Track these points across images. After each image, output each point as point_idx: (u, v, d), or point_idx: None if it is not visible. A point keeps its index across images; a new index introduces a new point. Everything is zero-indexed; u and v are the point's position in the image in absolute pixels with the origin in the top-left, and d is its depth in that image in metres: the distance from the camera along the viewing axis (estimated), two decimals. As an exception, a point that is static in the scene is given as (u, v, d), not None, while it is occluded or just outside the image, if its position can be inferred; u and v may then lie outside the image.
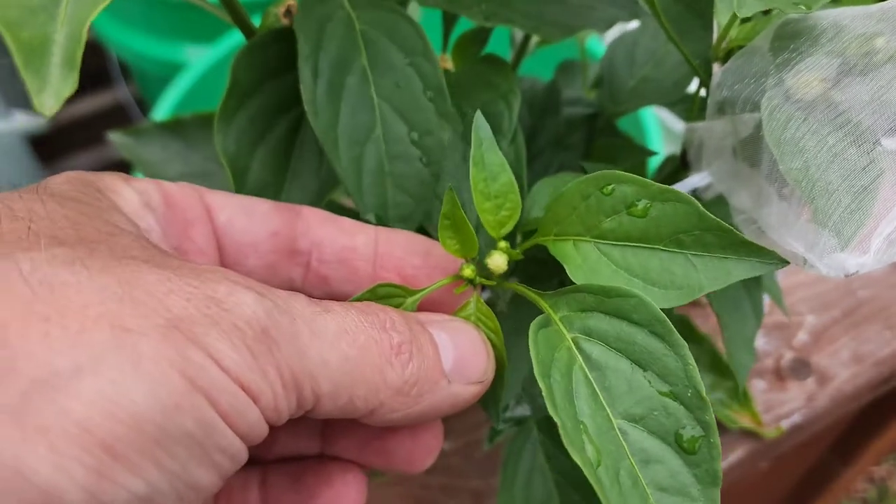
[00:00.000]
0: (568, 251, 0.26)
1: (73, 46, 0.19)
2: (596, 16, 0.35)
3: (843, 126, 0.22)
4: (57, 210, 0.21)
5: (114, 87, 1.45)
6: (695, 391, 0.23)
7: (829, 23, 0.24)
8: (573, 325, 0.24)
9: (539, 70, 0.55)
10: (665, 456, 0.22)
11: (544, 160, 0.41)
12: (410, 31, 0.32)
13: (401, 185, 0.31)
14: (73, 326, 0.17)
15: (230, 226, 0.27)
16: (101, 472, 0.17)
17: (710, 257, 0.24)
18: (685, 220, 0.24)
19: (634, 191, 0.24)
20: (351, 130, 0.30)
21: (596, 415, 0.23)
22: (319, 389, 0.21)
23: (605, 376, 0.23)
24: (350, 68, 0.31)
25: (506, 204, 0.27)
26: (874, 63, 0.23)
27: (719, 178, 0.29)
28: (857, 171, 0.22)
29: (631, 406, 0.23)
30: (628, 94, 0.44)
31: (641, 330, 0.23)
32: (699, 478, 0.22)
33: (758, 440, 0.57)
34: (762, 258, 0.23)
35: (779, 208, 0.25)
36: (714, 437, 0.22)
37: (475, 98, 0.34)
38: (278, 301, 0.21)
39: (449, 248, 0.27)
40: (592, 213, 0.25)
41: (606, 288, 0.24)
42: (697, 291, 0.24)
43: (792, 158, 0.22)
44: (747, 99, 0.25)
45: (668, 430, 0.23)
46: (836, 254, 0.23)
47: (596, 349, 0.24)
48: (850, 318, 0.64)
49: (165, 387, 0.18)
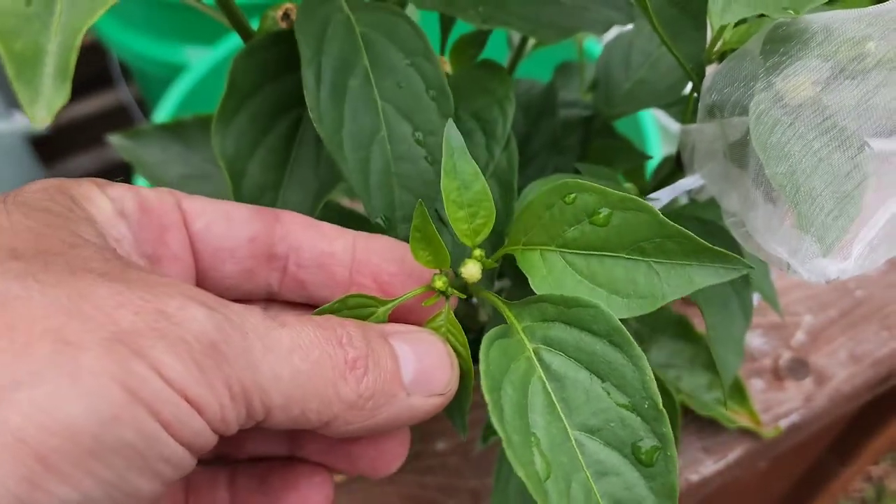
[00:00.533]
0: (535, 261, 0.26)
1: (67, 56, 0.19)
2: (592, 18, 0.35)
3: (828, 131, 0.22)
4: (21, 222, 0.21)
5: (115, 88, 1.46)
6: (651, 403, 0.23)
7: (819, 26, 0.24)
8: (535, 336, 0.24)
9: (537, 72, 0.55)
10: (621, 468, 0.22)
11: (539, 163, 0.41)
12: (410, 31, 0.32)
13: (407, 185, 0.31)
14: (19, 340, 0.18)
15: (207, 231, 0.27)
16: (33, 482, 0.17)
17: (671, 264, 0.24)
18: (646, 229, 0.24)
19: (595, 199, 0.24)
20: (356, 133, 0.30)
21: (551, 426, 0.23)
22: (270, 402, 0.22)
23: (563, 387, 0.23)
24: (352, 71, 0.31)
25: (480, 212, 0.27)
26: (863, 67, 0.23)
27: (711, 181, 0.30)
28: (841, 176, 0.22)
29: (588, 417, 0.23)
30: (624, 96, 0.44)
31: (600, 340, 0.23)
32: (655, 490, 0.22)
33: (756, 440, 0.57)
34: (725, 264, 0.23)
35: (764, 212, 0.25)
36: (671, 450, 0.22)
37: (471, 103, 0.34)
38: (231, 316, 0.22)
39: (421, 259, 0.27)
40: (556, 223, 0.25)
41: (567, 298, 0.24)
42: (661, 300, 0.24)
43: (777, 163, 0.22)
44: (736, 102, 0.25)
45: (624, 442, 0.23)
46: (817, 259, 0.23)
47: (556, 360, 0.24)
48: (847, 318, 0.64)
49: (103, 399, 0.18)
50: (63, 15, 0.19)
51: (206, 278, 0.28)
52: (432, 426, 0.58)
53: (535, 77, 0.47)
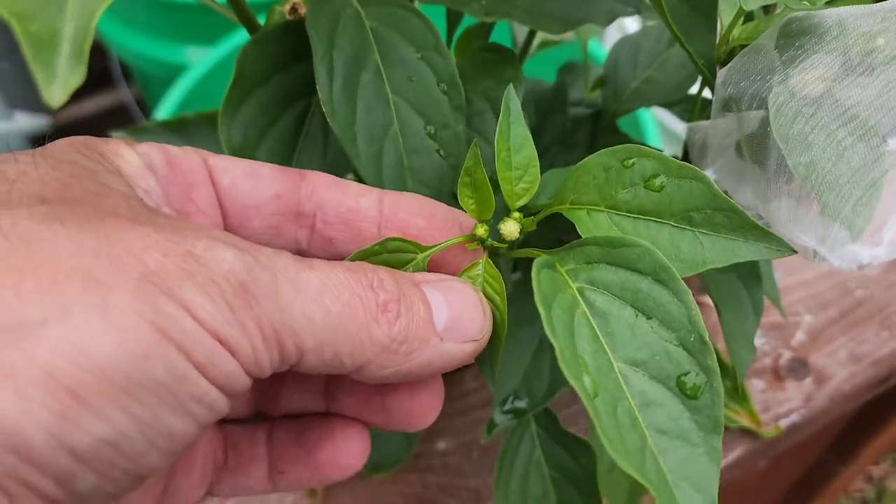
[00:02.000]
0: (581, 218, 0.26)
1: (82, 39, 0.19)
2: (597, 10, 0.35)
3: (850, 121, 0.22)
4: (49, 173, 0.21)
5: (116, 88, 1.46)
6: (698, 336, 0.23)
7: (833, 21, 0.24)
8: (578, 277, 0.24)
9: (540, 72, 0.55)
10: (666, 400, 0.22)
11: (550, 157, 0.42)
12: (420, 25, 0.32)
13: (420, 179, 0.31)
14: (45, 279, 0.18)
15: (234, 188, 0.27)
16: (66, 416, 0.17)
17: (717, 237, 0.24)
18: (699, 198, 0.24)
19: (654, 165, 0.25)
20: (368, 127, 0.30)
21: (596, 355, 0.23)
22: (302, 344, 0.22)
23: (608, 322, 0.23)
24: (363, 65, 0.31)
25: (525, 176, 0.27)
26: (876, 62, 0.23)
27: (723, 175, 0.30)
28: (867, 165, 0.22)
29: (633, 351, 0.23)
30: (631, 94, 0.44)
31: (646, 278, 0.23)
32: (700, 423, 0.22)
33: (756, 439, 0.57)
34: (769, 243, 0.23)
35: (787, 203, 0.25)
36: (717, 382, 0.22)
37: (479, 84, 0.34)
38: (260, 257, 0.21)
39: (466, 206, 0.27)
40: (611, 184, 0.25)
41: (612, 238, 0.24)
42: (701, 266, 0.24)
43: (800, 153, 0.23)
44: (753, 96, 0.25)
45: (669, 375, 0.23)
46: (848, 246, 0.23)
47: (600, 298, 0.24)
48: (847, 317, 0.64)
49: (134, 336, 0.18)
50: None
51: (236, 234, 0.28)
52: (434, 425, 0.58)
53: (540, 77, 0.47)
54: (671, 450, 0.22)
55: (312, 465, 0.29)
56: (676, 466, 0.22)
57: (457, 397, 0.59)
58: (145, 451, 0.19)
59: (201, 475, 0.28)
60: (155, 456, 0.19)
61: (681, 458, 0.22)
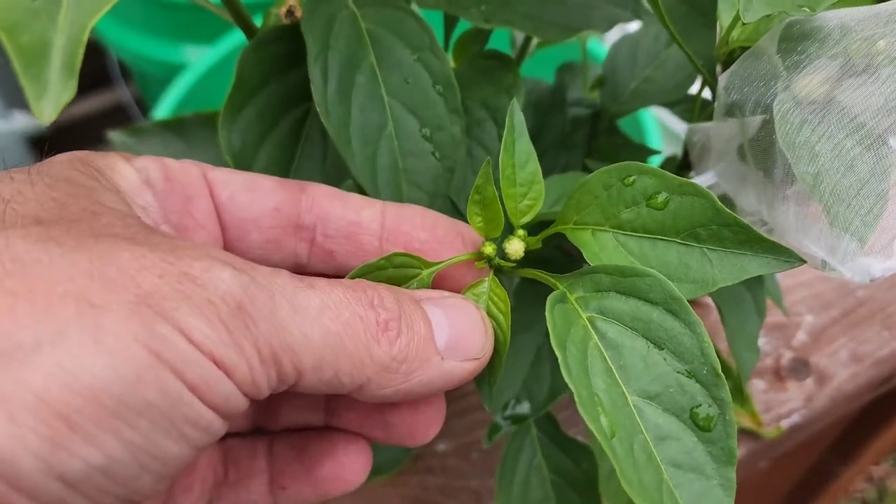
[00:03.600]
0: (586, 240, 0.26)
1: (74, 51, 0.19)
2: (597, 16, 0.35)
3: (857, 130, 0.22)
4: (45, 192, 0.21)
5: (114, 87, 1.45)
6: (710, 369, 0.22)
7: (835, 24, 0.24)
8: (589, 306, 0.24)
9: (539, 72, 0.55)
10: (680, 433, 0.22)
11: (549, 159, 0.41)
12: (416, 26, 0.32)
13: (415, 182, 0.31)
14: (39, 302, 0.18)
15: (232, 201, 0.27)
16: (57, 442, 0.17)
17: (725, 252, 0.24)
18: (702, 215, 0.24)
19: (655, 183, 0.24)
20: (363, 129, 0.30)
21: (610, 390, 0.23)
22: (301, 364, 0.21)
23: (620, 355, 0.23)
24: (359, 67, 0.31)
25: (530, 193, 0.27)
26: (879, 65, 0.22)
27: (725, 179, 0.29)
28: (876, 175, 0.22)
29: (646, 384, 0.23)
30: (630, 94, 0.44)
31: (657, 308, 0.23)
32: (714, 456, 0.22)
33: (757, 440, 0.57)
34: (778, 255, 0.23)
35: (795, 211, 0.25)
36: (730, 414, 0.22)
37: (478, 92, 0.34)
38: (257, 277, 0.21)
39: (474, 223, 0.27)
40: (613, 203, 0.25)
41: (622, 268, 0.24)
42: (711, 286, 0.24)
43: (807, 163, 0.22)
44: (757, 101, 0.25)
45: (683, 408, 0.22)
46: (860, 258, 0.22)
47: (612, 328, 0.24)
48: (848, 318, 0.64)
49: (127, 359, 0.18)
50: (70, 10, 0.19)
51: (232, 249, 0.28)
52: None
53: (539, 77, 0.47)
54: (686, 483, 0.22)
55: (313, 481, 0.29)
56: (692, 500, 0.22)
57: (456, 399, 0.58)
58: (138, 476, 0.19)
59: (200, 491, 0.28)
60: (148, 480, 0.19)
61: (696, 492, 0.22)
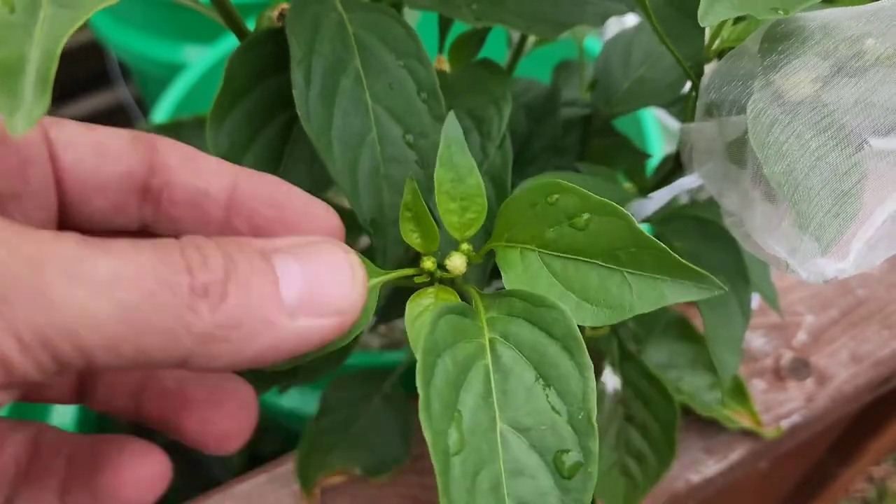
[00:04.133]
0: (514, 259, 0.25)
1: (48, 65, 0.18)
2: (590, 11, 0.35)
3: (827, 129, 0.22)
4: None
5: (113, 87, 1.45)
6: (586, 416, 0.22)
7: (817, 24, 0.23)
8: (496, 327, 0.24)
9: (536, 70, 0.54)
10: (539, 473, 0.22)
11: (541, 164, 0.41)
12: (402, 33, 0.32)
13: (396, 188, 0.30)
14: None
15: (76, 166, 0.25)
16: None
17: (645, 277, 0.23)
18: (622, 237, 0.24)
19: (575, 202, 0.24)
20: (345, 133, 0.30)
21: (479, 412, 0.22)
22: (85, 344, 0.19)
23: (506, 380, 0.23)
24: (343, 71, 0.31)
25: (472, 207, 0.27)
26: (862, 65, 0.22)
27: (710, 180, 0.29)
28: (840, 174, 0.22)
29: (521, 415, 0.23)
30: (623, 95, 0.44)
31: (555, 343, 0.23)
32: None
33: (757, 440, 0.57)
34: (699, 282, 0.23)
35: (763, 211, 0.24)
36: (593, 467, 0.22)
37: (467, 101, 0.34)
38: (23, 247, 0.19)
39: (410, 240, 0.27)
40: (539, 221, 0.25)
41: (536, 296, 0.24)
42: (629, 312, 0.23)
43: (775, 161, 0.22)
44: (734, 101, 0.25)
45: (549, 448, 0.22)
46: (816, 259, 0.22)
47: (508, 353, 0.24)
48: (848, 317, 0.64)
49: None
50: (46, 23, 0.19)
51: (72, 213, 0.26)
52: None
53: (535, 75, 0.47)
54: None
55: (93, 490, 0.25)
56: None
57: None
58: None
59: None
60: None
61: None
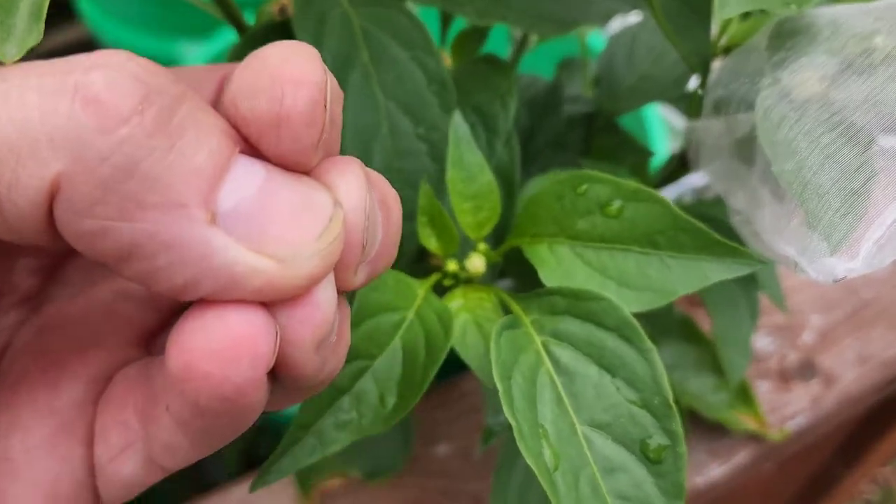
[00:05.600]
0: (543, 253, 0.25)
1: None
2: (593, 9, 0.35)
3: (836, 126, 0.22)
4: None
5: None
6: (662, 399, 0.22)
7: (826, 21, 0.23)
8: (544, 329, 0.24)
9: (540, 66, 0.54)
10: (629, 465, 0.22)
11: (544, 160, 0.41)
12: (409, 25, 0.31)
13: (409, 181, 0.30)
14: None
15: None
16: None
17: (685, 258, 0.23)
18: (659, 221, 0.23)
19: (608, 190, 0.24)
20: (356, 128, 0.30)
21: (559, 420, 0.22)
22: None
23: (572, 381, 0.23)
24: (352, 66, 0.30)
25: (485, 205, 0.27)
26: (872, 62, 0.22)
27: (716, 178, 0.29)
28: (850, 172, 0.21)
29: (597, 413, 0.22)
30: (627, 91, 0.43)
31: (611, 334, 0.23)
32: (663, 489, 0.22)
33: (762, 442, 0.56)
34: (738, 259, 0.22)
35: (771, 210, 0.24)
36: (681, 447, 0.22)
37: (472, 97, 0.34)
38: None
39: (429, 244, 0.26)
40: (567, 214, 0.25)
41: (577, 291, 0.23)
42: (672, 294, 0.23)
43: (784, 160, 0.22)
44: (742, 98, 0.24)
45: (633, 439, 0.22)
46: (825, 258, 0.22)
47: (565, 353, 0.23)
48: (854, 318, 0.63)
49: None
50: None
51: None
52: (434, 429, 0.57)
53: (539, 72, 0.46)
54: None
55: None
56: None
57: (455, 399, 0.58)
58: None
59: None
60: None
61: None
